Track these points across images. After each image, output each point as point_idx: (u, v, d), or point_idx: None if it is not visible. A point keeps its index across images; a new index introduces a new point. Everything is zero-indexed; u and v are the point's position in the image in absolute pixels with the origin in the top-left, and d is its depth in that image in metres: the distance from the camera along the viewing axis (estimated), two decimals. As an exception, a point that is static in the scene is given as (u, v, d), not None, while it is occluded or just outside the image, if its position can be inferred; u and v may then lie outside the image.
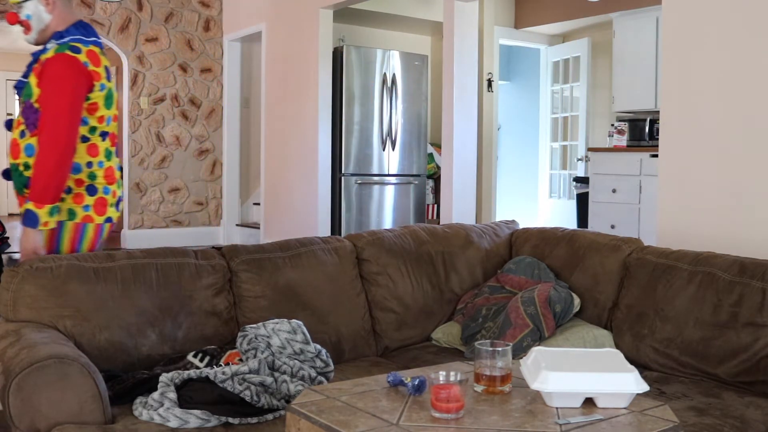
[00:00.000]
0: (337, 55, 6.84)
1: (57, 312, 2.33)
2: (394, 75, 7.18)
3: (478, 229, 3.35)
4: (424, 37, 8.49)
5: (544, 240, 3.21)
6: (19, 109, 2.73)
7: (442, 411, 1.60)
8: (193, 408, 2.03)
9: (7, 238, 5.62)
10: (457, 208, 5.57)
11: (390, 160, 7.21)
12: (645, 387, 1.72)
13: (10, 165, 2.73)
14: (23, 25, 2.77)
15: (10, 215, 11.74)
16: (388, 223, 7.24)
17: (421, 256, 3.10)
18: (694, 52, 3.40)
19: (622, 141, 6.72)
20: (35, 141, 2.62)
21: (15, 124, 2.75)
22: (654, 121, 6.48)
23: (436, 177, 8.11)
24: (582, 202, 7.11)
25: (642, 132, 6.65)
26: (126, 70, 7.73)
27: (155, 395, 2.08)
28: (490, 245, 3.29)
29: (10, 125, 2.78)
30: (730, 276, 2.55)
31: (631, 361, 2.15)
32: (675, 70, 3.48)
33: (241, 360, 2.28)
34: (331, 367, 2.34)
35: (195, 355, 2.37)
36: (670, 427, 1.61)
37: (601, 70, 7.72)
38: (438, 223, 5.64)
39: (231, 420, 2.02)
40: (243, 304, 2.66)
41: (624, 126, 6.73)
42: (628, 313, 2.78)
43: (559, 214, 8.11)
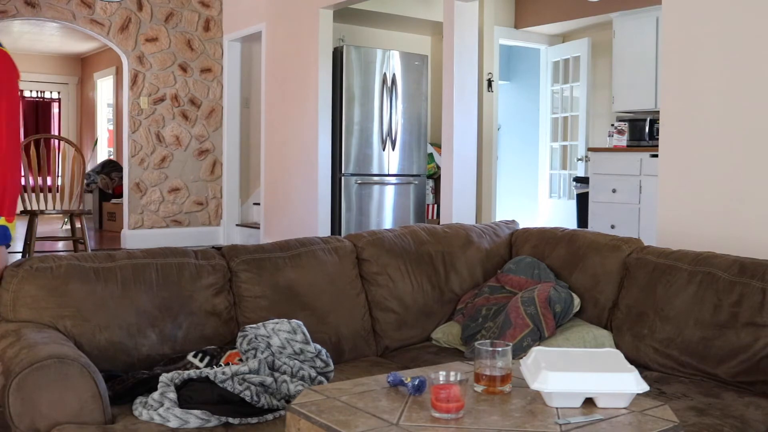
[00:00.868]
0: (337, 55, 6.84)
1: (57, 312, 2.33)
2: (394, 75, 7.18)
3: (478, 229, 3.35)
4: (424, 37, 8.49)
5: (544, 240, 3.21)
6: None
7: (442, 411, 1.60)
8: (193, 408, 2.03)
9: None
10: (457, 208, 5.57)
11: (390, 160, 7.21)
12: (645, 387, 1.72)
13: None
14: None
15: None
16: (388, 223, 7.23)
17: (421, 256, 3.10)
18: (694, 52, 3.40)
19: (622, 141, 6.72)
20: None
21: None
22: (654, 121, 6.48)
23: (436, 177, 8.11)
24: (582, 202, 7.11)
25: (642, 132, 6.65)
26: (126, 70, 7.73)
27: (155, 395, 2.08)
28: (490, 245, 3.29)
29: None
30: (730, 276, 2.55)
31: (631, 361, 2.15)
32: (675, 70, 3.48)
33: (241, 360, 2.28)
34: (331, 367, 2.33)
35: (195, 355, 2.37)
36: (670, 427, 1.61)
37: (601, 70, 7.72)
38: (438, 223, 5.64)
39: (231, 420, 2.02)
40: (243, 304, 2.66)
41: (624, 126, 6.73)
42: (628, 313, 2.78)
43: (559, 214, 8.11)
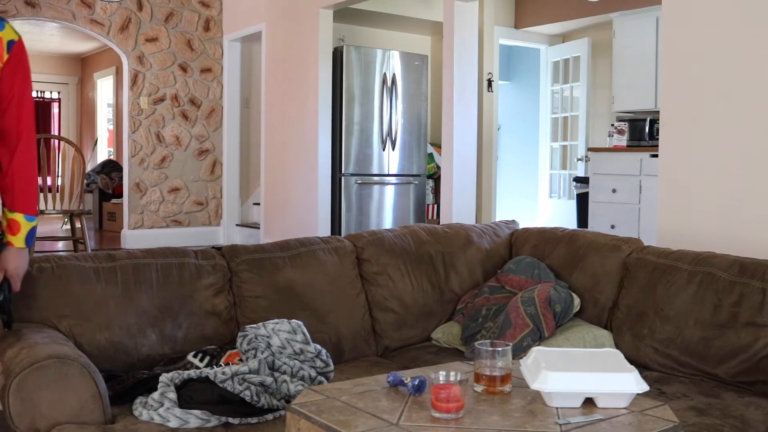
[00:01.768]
0: (337, 55, 6.84)
1: (57, 312, 2.33)
2: (394, 75, 7.18)
3: (478, 229, 3.35)
4: (424, 37, 8.49)
5: (544, 240, 3.21)
6: None
7: (442, 411, 1.60)
8: (193, 408, 2.03)
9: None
10: (457, 208, 5.57)
11: (390, 160, 7.21)
12: (645, 387, 1.72)
13: None
14: None
15: None
16: (388, 223, 7.23)
17: (421, 256, 3.10)
18: (694, 52, 3.40)
19: (622, 141, 6.72)
20: None
21: None
22: (654, 121, 6.48)
23: (436, 177, 8.11)
24: (582, 202, 7.11)
25: (642, 132, 6.65)
26: (126, 70, 7.73)
27: (155, 395, 2.08)
28: (490, 245, 3.29)
29: None
30: (730, 276, 2.55)
31: (631, 361, 2.15)
32: (675, 70, 3.48)
33: (241, 360, 2.28)
34: (331, 367, 2.33)
35: (195, 355, 2.37)
36: (670, 427, 1.61)
37: (601, 70, 7.72)
38: (438, 223, 5.64)
39: (231, 420, 2.02)
40: (243, 304, 2.66)
41: (624, 126, 6.73)
42: (628, 313, 2.78)
43: (559, 214, 8.11)
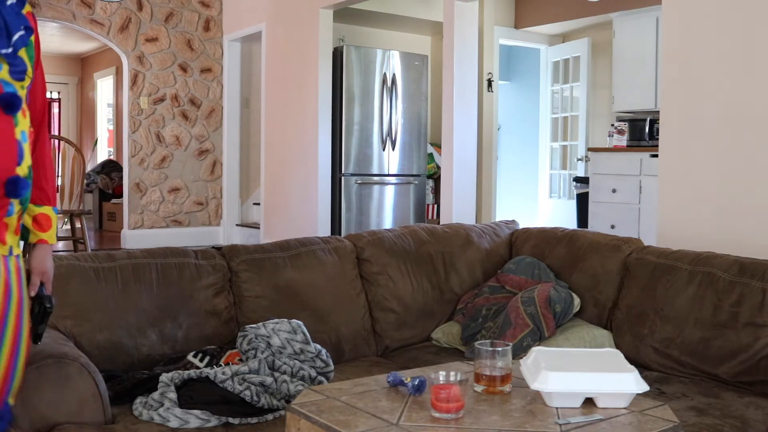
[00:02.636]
0: (337, 55, 6.84)
1: (57, 312, 2.32)
2: (394, 75, 7.18)
3: (478, 229, 3.35)
4: (424, 37, 8.49)
5: (544, 240, 3.21)
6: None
7: (442, 411, 1.60)
8: (193, 408, 2.03)
9: None
10: (457, 208, 5.57)
11: (390, 160, 7.21)
12: (645, 387, 1.72)
13: (15, 172, 1.66)
14: None
15: None
16: (388, 223, 7.23)
17: (421, 256, 3.10)
18: (694, 52, 3.40)
19: (622, 141, 6.72)
20: (27, 130, 1.72)
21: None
22: (654, 121, 6.48)
23: (436, 177, 8.11)
24: (582, 202, 7.11)
25: (642, 132, 6.65)
26: (126, 70, 7.73)
27: (155, 395, 2.08)
28: (490, 245, 3.29)
29: (16, 105, 1.63)
30: (730, 276, 2.55)
31: (631, 361, 2.15)
32: (675, 70, 3.48)
33: (241, 360, 2.28)
34: (331, 367, 2.33)
35: (195, 355, 2.37)
36: (670, 427, 1.61)
37: (601, 70, 7.72)
38: (438, 223, 5.64)
39: (231, 420, 2.02)
40: (243, 304, 2.66)
41: (624, 126, 6.73)
42: (628, 313, 2.78)
43: (559, 214, 8.11)
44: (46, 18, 7.26)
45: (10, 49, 1.60)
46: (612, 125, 6.97)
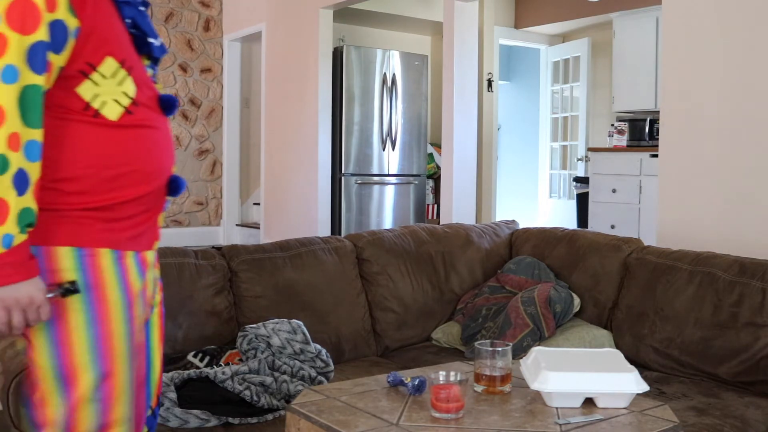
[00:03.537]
0: (337, 55, 6.84)
1: (57, 312, 2.33)
2: (394, 75, 7.17)
3: (478, 229, 3.35)
4: (424, 37, 8.49)
5: (544, 240, 3.21)
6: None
7: (442, 411, 1.60)
8: (193, 408, 2.03)
9: None
10: (457, 208, 5.57)
11: (390, 160, 7.21)
12: (645, 387, 1.72)
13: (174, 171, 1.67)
14: None
15: None
16: (388, 223, 7.23)
17: (421, 256, 3.10)
18: (694, 52, 3.40)
19: (622, 141, 6.72)
20: None
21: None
22: (654, 121, 6.48)
23: (436, 177, 8.11)
24: (582, 202, 7.11)
25: (642, 132, 6.65)
26: (126, 70, 7.72)
27: (155, 395, 2.08)
28: (490, 245, 3.29)
29: (175, 107, 1.65)
30: (730, 276, 2.55)
31: (631, 361, 2.15)
32: (675, 70, 3.48)
33: (241, 360, 2.28)
34: (331, 367, 2.34)
35: (195, 355, 2.37)
36: (670, 427, 1.61)
37: (601, 70, 7.72)
38: (438, 223, 5.64)
39: (231, 420, 2.03)
40: (243, 304, 2.66)
41: (624, 126, 6.73)
42: (628, 313, 2.78)
43: (559, 214, 8.10)
44: (46, 18, 7.25)
45: (158, 57, 1.65)
46: (612, 125, 6.97)
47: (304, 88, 6.83)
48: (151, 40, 1.59)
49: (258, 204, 8.10)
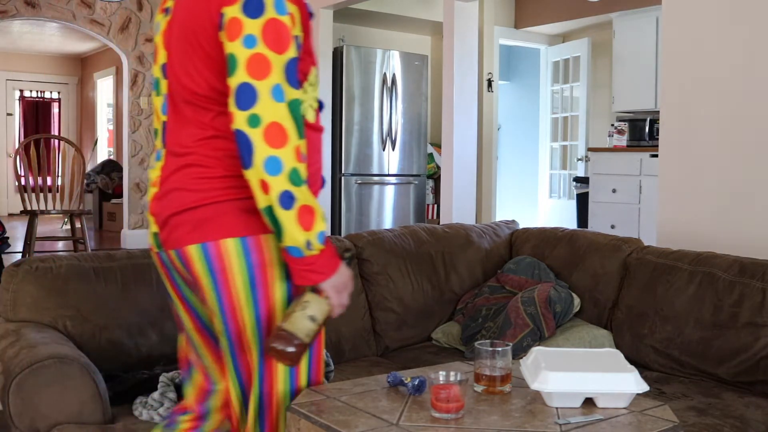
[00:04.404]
0: (337, 55, 6.84)
1: (57, 312, 2.33)
2: (394, 75, 7.18)
3: (478, 229, 3.35)
4: (424, 37, 8.49)
5: (544, 240, 3.21)
6: None
7: (442, 411, 1.60)
8: (193, 408, 2.02)
9: (7, 238, 5.62)
10: (457, 208, 5.57)
11: (390, 160, 7.21)
12: (645, 387, 1.72)
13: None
14: None
15: (10, 215, 11.75)
16: (388, 223, 7.23)
17: (421, 256, 3.10)
18: (694, 52, 3.40)
19: (622, 141, 6.72)
20: None
21: None
22: (654, 121, 6.48)
23: (436, 177, 8.11)
24: (582, 202, 7.11)
25: (642, 132, 6.65)
26: (126, 70, 7.72)
27: (155, 395, 2.08)
28: (490, 245, 3.29)
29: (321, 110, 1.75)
30: (730, 276, 2.55)
31: (631, 361, 2.15)
32: (675, 70, 3.48)
33: (241, 360, 2.28)
34: (331, 367, 2.33)
35: (195, 355, 2.36)
36: (670, 427, 1.61)
37: (601, 70, 7.72)
38: (438, 223, 5.64)
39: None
40: (243, 304, 2.66)
41: (624, 126, 6.73)
42: (628, 313, 2.78)
43: (559, 214, 8.11)
44: (46, 18, 7.26)
45: None
46: (612, 125, 6.97)
47: (304, 88, 6.82)
48: None
49: (258, 204, 8.09)
